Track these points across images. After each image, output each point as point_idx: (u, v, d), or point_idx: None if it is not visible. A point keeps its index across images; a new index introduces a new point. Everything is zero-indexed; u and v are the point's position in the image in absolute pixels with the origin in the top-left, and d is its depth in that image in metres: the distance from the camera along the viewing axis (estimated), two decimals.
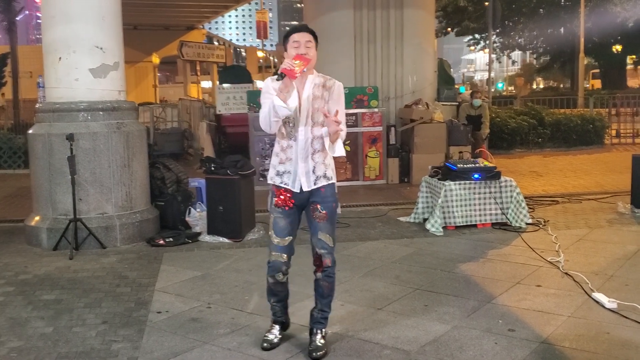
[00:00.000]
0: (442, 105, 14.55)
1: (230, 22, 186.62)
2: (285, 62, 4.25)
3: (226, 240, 7.97)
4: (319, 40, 4.51)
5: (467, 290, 5.96)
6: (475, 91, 15.79)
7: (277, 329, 4.77)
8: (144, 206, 8.27)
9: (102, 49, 7.95)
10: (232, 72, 21.49)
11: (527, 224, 8.42)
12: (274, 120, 4.32)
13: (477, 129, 13.76)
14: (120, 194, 7.97)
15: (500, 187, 8.45)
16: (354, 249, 7.55)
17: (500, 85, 64.11)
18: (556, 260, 6.80)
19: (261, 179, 11.66)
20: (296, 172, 4.46)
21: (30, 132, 8.23)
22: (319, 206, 4.50)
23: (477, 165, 8.55)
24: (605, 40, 42.67)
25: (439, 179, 8.58)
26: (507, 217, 8.42)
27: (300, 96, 4.41)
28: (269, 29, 40.83)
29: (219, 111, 16.79)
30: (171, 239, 7.93)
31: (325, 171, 4.50)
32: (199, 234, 8.20)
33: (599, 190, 11.29)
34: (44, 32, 8.14)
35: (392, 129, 12.90)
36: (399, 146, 12.95)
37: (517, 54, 64.88)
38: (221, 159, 8.60)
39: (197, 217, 8.75)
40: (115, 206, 7.94)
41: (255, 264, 6.93)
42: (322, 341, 4.57)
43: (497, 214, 8.45)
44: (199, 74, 39.18)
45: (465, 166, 8.47)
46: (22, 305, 5.76)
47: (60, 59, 7.88)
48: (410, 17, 13.64)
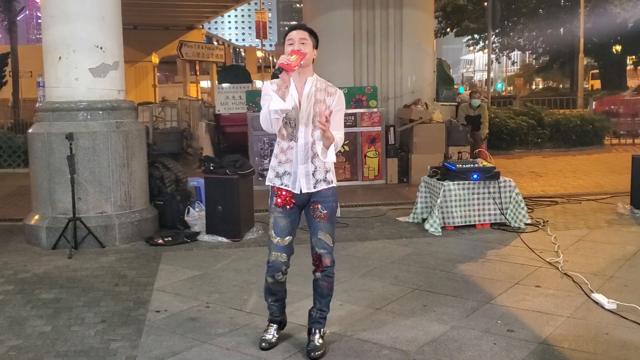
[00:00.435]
0: (441, 105, 14.57)
1: (229, 22, 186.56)
2: (281, 58, 4.24)
3: (225, 239, 7.97)
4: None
5: (466, 290, 5.96)
6: (474, 91, 15.79)
7: (274, 328, 4.77)
8: (143, 205, 8.27)
9: (101, 48, 7.95)
10: (231, 72, 21.50)
11: (526, 225, 8.42)
12: (274, 118, 4.29)
13: (476, 129, 13.76)
14: (119, 193, 7.96)
15: (499, 187, 8.45)
16: (352, 248, 7.55)
17: (499, 85, 64.09)
18: (555, 260, 6.80)
19: (260, 179, 11.66)
20: (296, 173, 4.45)
21: (30, 131, 8.23)
22: (319, 206, 4.50)
23: (476, 165, 8.55)
24: (604, 40, 42.61)
25: (437, 179, 8.58)
26: (506, 218, 8.42)
27: (300, 95, 4.40)
28: (268, 29, 40.80)
29: (218, 111, 16.79)
30: (170, 239, 7.93)
31: (325, 175, 4.49)
32: (198, 234, 8.20)
33: (598, 190, 11.30)
34: (44, 31, 8.14)
35: (391, 129, 12.90)
36: (398, 146, 12.95)
37: (516, 54, 64.86)
38: (220, 158, 8.60)
39: (196, 216, 8.75)
40: (114, 205, 7.94)
41: (254, 264, 6.94)
42: (320, 341, 4.57)
43: (496, 214, 8.45)
44: (198, 73, 39.19)
45: (464, 166, 8.47)
46: (21, 304, 5.75)
47: (60, 58, 7.88)
48: (409, 17, 13.65)
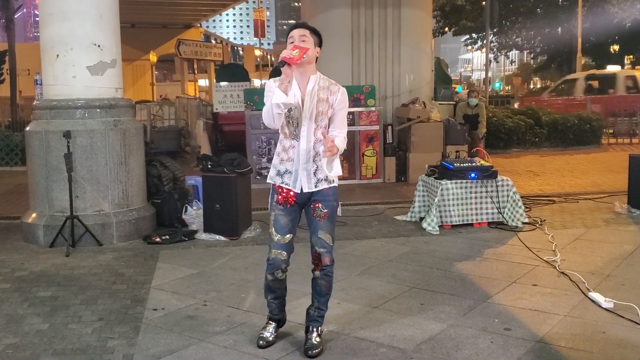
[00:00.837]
0: (439, 104, 14.58)
1: (227, 20, 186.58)
2: (284, 52, 4.22)
3: (222, 238, 7.97)
4: None
5: (463, 289, 5.96)
6: (472, 90, 15.80)
7: (272, 326, 4.77)
8: (140, 204, 8.27)
9: (99, 46, 7.94)
10: (229, 70, 21.48)
11: (523, 223, 8.42)
12: (276, 112, 4.25)
13: (474, 128, 13.76)
14: (116, 191, 7.96)
15: (496, 186, 8.45)
16: (350, 247, 7.55)
17: (497, 85, 64.07)
18: (552, 259, 6.80)
19: (258, 177, 11.67)
20: (297, 172, 4.45)
21: (27, 129, 8.22)
22: (320, 205, 4.49)
23: (473, 164, 8.55)
24: (602, 40, 42.65)
25: (435, 178, 8.58)
26: (503, 217, 8.43)
27: (303, 94, 4.38)
28: (266, 28, 40.83)
29: (216, 109, 16.79)
30: (167, 237, 7.93)
31: (327, 175, 4.49)
32: (196, 232, 8.20)
33: (595, 189, 11.31)
34: (42, 29, 8.13)
35: (389, 127, 12.90)
36: (396, 145, 12.95)
37: (514, 54, 64.81)
38: (218, 157, 8.59)
39: (194, 215, 8.74)
40: (111, 203, 7.94)
41: (251, 262, 6.94)
42: (317, 339, 4.57)
43: (493, 213, 8.45)
44: (196, 72, 39.19)
45: (461, 165, 8.48)
46: (19, 302, 5.75)
47: (57, 56, 7.87)
48: (407, 16, 13.64)
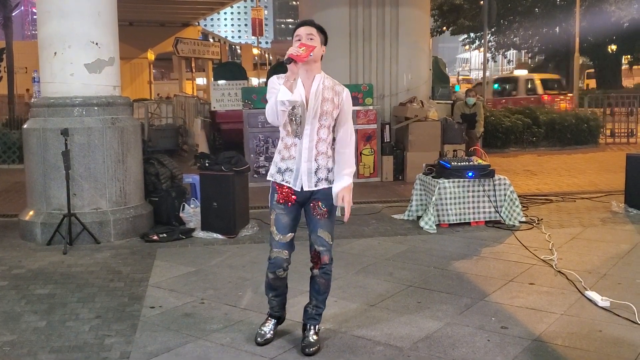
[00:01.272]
0: (437, 103, 14.59)
1: (225, 19, 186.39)
2: (290, 49, 4.22)
3: (220, 236, 7.98)
4: None
5: (460, 287, 5.97)
6: (469, 89, 15.82)
7: (272, 323, 4.79)
8: (138, 202, 8.27)
9: (97, 44, 7.94)
10: (227, 69, 21.49)
11: (520, 222, 8.44)
12: (280, 109, 4.24)
13: (472, 128, 13.77)
14: (114, 189, 7.96)
15: (494, 185, 8.46)
16: (347, 245, 7.56)
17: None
18: (549, 258, 6.82)
19: (255, 176, 11.68)
20: (299, 170, 4.44)
21: (24, 127, 8.21)
22: (320, 203, 4.50)
23: (471, 163, 8.56)
24: (600, 40, 42.70)
25: (433, 177, 8.59)
26: (500, 216, 8.44)
27: (307, 93, 4.37)
28: (264, 27, 40.82)
29: (214, 108, 16.78)
30: (165, 235, 7.93)
31: (327, 175, 4.50)
32: (193, 230, 8.20)
33: (593, 189, 11.32)
34: (40, 27, 8.12)
35: (387, 126, 12.91)
36: (394, 144, 12.96)
37: (512, 53, 64.89)
38: (215, 155, 8.60)
39: (191, 213, 8.74)
40: (109, 201, 7.94)
41: (249, 260, 6.94)
42: (315, 337, 4.58)
43: (490, 212, 8.47)
44: (194, 70, 39.14)
45: (459, 164, 8.49)
46: (16, 299, 5.75)
47: (55, 54, 7.87)
48: (405, 15, 13.66)
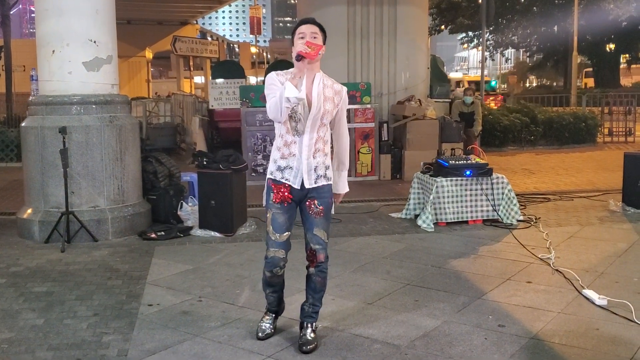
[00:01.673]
0: (435, 102, 14.60)
1: (223, 17, 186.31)
2: (299, 46, 4.21)
3: (218, 234, 7.98)
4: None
5: (457, 286, 5.98)
6: (467, 88, 15.82)
7: (271, 318, 4.84)
8: (136, 200, 8.27)
9: (95, 42, 7.94)
10: (225, 67, 21.48)
11: (518, 221, 8.45)
12: (285, 106, 4.21)
13: (470, 126, 13.80)
14: (112, 187, 7.96)
15: (491, 183, 8.47)
16: (345, 244, 7.56)
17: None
18: (547, 257, 6.83)
19: (253, 174, 11.69)
20: (299, 168, 4.44)
21: (23, 125, 8.21)
22: (316, 202, 4.50)
23: (469, 162, 8.57)
24: (598, 38, 42.80)
25: (430, 176, 8.60)
26: (498, 214, 8.45)
27: (309, 94, 4.35)
28: (262, 25, 40.79)
29: (212, 106, 16.79)
30: (163, 233, 7.94)
31: (325, 172, 4.52)
32: (191, 228, 8.21)
33: (590, 188, 11.34)
34: (38, 25, 8.12)
35: (385, 125, 12.91)
36: (391, 142, 12.97)
37: (510, 52, 64.97)
38: (213, 153, 8.60)
39: (189, 211, 8.75)
40: (107, 199, 7.94)
41: (246, 258, 6.95)
42: (312, 335, 4.59)
43: (488, 211, 8.48)
44: (192, 69, 39.14)
45: (457, 163, 8.49)
46: (14, 297, 5.76)
47: (53, 52, 7.87)
48: (403, 14, 13.66)
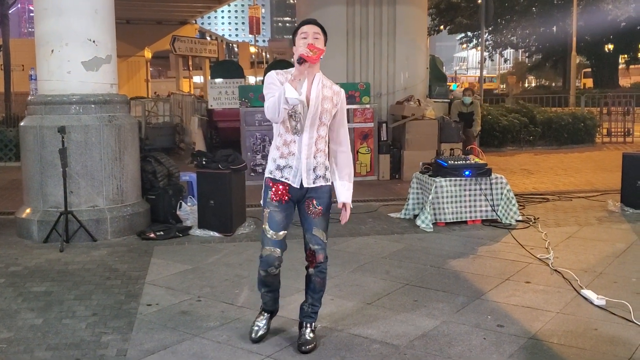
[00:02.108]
0: (434, 102, 14.59)
1: (222, 17, 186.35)
2: (301, 49, 4.22)
3: (217, 234, 7.98)
4: None
5: (456, 286, 5.99)
6: (467, 89, 15.82)
7: (266, 317, 4.80)
8: (135, 199, 8.26)
9: (94, 42, 7.94)
10: (224, 67, 21.48)
11: (517, 221, 8.45)
12: (283, 107, 4.22)
13: (469, 126, 13.80)
14: (111, 187, 7.96)
15: (490, 184, 8.48)
16: (344, 244, 7.57)
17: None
18: (546, 257, 6.83)
19: (252, 174, 11.68)
20: (298, 167, 4.44)
21: (21, 124, 8.21)
22: (314, 202, 4.50)
23: (468, 162, 8.58)
24: (597, 39, 42.80)
25: (429, 176, 8.60)
26: (497, 214, 8.45)
27: (308, 94, 4.35)
28: (261, 25, 40.79)
29: (211, 106, 16.79)
30: (162, 233, 7.94)
31: (325, 172, 4.52)
32: (190, 228, 8.21)
33: (589, 188, 11.35)
34: (37, 24, 8.11)
35: (384, 125, 12.92)
36: (390, 143, 12.97)
37: (509, 52, 64.96)
38: (212, 153, 8.60)
39: (188, 211, 8.76)
40: (106, 199, 7.94)
41: (245, 258, 6.95)
42: (311, 335, 4.59)
43: (487, 211, 8.48)
44: (191, 68, 39.15)
45: (456, 163, 8.50)
46: (12, 296, 5.75)
47: (52, 51, 7.86)
48: (402, 14, 13.66)
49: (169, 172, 8.97)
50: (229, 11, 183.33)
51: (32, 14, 9.99)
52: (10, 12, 27.79)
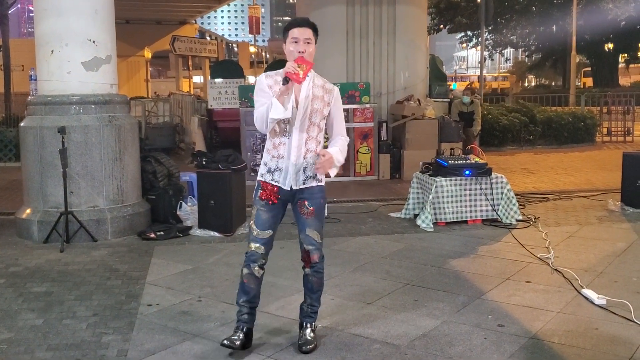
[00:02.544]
0: (434, 101, 14.59)
1: (222, 17, 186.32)
2: (288, 66, 4.21)
3: (217, 234, 7.98)
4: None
5: (457, 285, 5.98)
6: (467, 88, 15.82)
7: (241, 335, 4.46)
8: (135, 200, 8.26)
9: (94, 42, 7.93)
10: (224, 67, 21.50)
11: (517, 221, 8.45)
12: (271, 121, 4.27)
13: (469, 126, 13.79)
14: (111, 187, 7.96)
15: (491, 183, 8.47)
16: (344, 244, 7.56)
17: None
18: (546, 256, 6.83)
19: (252, 174, 11.66)
20: (287, 169, 4.45)
21: (22, 124, 8.21)
22: (306, 202, 4.50)
23: (468, 161, 8.57)
24: (597, 38, 42.76)
25: (430, 175, 8.60)
26: (497, 214, 8.45)
27: (297, 94, 4.36)
28: (261, 25, 40.78)
29: (211, 106, 16.79)
30: (162, 233, 7.93)
31: (315, 173, 4.51)
32: (190, 228, 8.21)
33: (589, 187, 11.35)
34: (36, 24, 8.11)
35: (384, 125, 12.92)
36: (391, 142, 12.97)
37: (509, 52, 64.92)
38: (212, 153, 8.60)
39: (188, 211, 8.76)
40: (106, 199, 7.94)
41: None
42: (311, 335, 4.58)
43: (487, 211, 8.48)
44: (190, 68, 39.16)
45: (456, 162, 8.49)
46: (13, 297, 5.75)
47: (52, 52, 7.86)
48: (402, 14, 13.66)
49: (169, 172, 8.97)
50: (229, 11, 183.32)
51: (31, 14, 9.98)
52: (10, 12, 27.79)
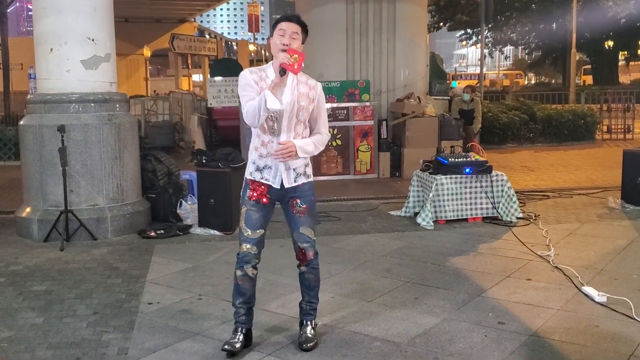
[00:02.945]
0: (434, 99, 14.58)
1: (221, 15, 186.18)
2: (282, 57, 4.17)
3: (217, 232, 7.97)
4: (310, 33, 4.47)
5: (457, 283, 5.98)
6: (467, 86, 15.81)
7: (241, 337, 4.48)
8: (135, 198, 8.26)
9: (93, 40, 7.93)
10: (223, 65, 21.47)
11: (517, 218, 8.45)
12: (263, 115, 4.23)
13: (469, 124, 13.79)
14: (111, 185, 7.95)
15: (491, 181, 8.47)
16: (344, 242, 7.56)
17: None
18: (546, 254, 6.83)
19: None
20: (277, 167, 4.44)
21: (21, 123, 8.20)
22: (298, 201, 4.49)
23: (468, 159, 8.57)
24: (597, 36, 42.75)
25: (430, 173, 8.59)
26: (498, 212, 8.44)
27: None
28: (260, 23, 40.72)
29: (210, 104, 16.77)
30: (162, 231, 7.93)
31: (305, 169, 4.51)
32: (190, 227, 8.20)
33: (589, 185, 11.34)
34: (35, 23, 8.10)
35: (384, 123, 12.90)
36: (391, 140, 12.96)
37: (509, 49, 64.90)
38: (212, 151, 8.59)
39: (188, 209, 8.75)
40: (106, 198, 7.93)
41: None
42: (312, 332, 4.58)
43: (488, 208, 8.47)
44: (190, 67, 39.10)
45: (456, 160, 8.49)
46: (13, 296, 5.75)
47: (51, 50, 7.85)
48: (402, 11, 13.64)
49: (169, 171, 8.96)
50: (228, 9, 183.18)
51: (30, 13, 9.98)
52: (8, 10, 27.77)
